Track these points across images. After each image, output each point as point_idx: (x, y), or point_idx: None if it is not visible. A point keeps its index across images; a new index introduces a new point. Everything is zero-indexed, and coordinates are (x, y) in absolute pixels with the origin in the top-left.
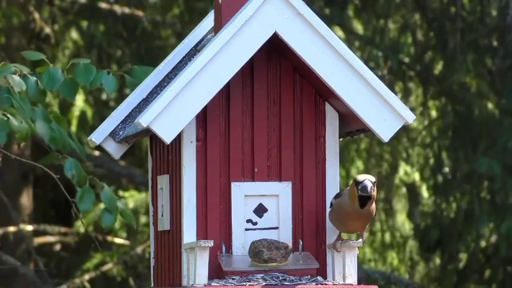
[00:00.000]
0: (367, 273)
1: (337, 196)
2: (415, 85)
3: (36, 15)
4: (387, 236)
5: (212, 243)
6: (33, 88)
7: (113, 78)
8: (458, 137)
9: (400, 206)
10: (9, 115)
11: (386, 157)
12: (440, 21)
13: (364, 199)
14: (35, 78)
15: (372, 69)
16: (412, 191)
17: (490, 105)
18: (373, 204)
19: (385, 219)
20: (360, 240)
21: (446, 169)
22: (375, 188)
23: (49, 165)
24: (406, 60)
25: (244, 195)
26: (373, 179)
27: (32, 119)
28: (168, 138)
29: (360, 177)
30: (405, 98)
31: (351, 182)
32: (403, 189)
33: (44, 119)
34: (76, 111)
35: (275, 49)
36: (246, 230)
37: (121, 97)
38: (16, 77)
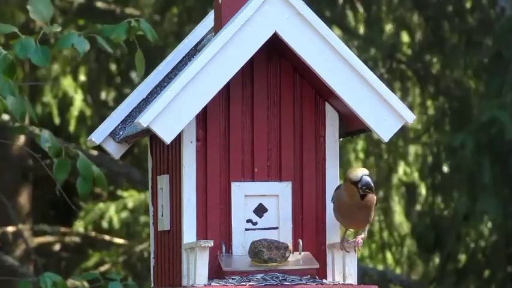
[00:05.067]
0: (364, 270)
1: (336, 189)
2: (412, 84)
3: None
4: (385, 235)
5: (212, 243)
6: (2, 62)
7: (84, 39)
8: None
9: (399, 206)
10: None
11: (385, 156)
12: (438, 19)
13: (366, 193)
14: (4, 52)
15: (370, 68)
16: (411, 190)
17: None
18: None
19: (384, 219)
20: (362, 236)
21: (445, 168)
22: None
23: (47, 165)
24: (404, 59)
25: (244, 195)
26: (366, 171)
27: (3, 95)
28: (168, 138)
29: (354, 176)
30: (403, 98)
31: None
32: (402, 189)
33: (10, 93)
34: (75, 112)
35: (275, 49)
36: (246, 230)
37: (121, 97)
38: None
